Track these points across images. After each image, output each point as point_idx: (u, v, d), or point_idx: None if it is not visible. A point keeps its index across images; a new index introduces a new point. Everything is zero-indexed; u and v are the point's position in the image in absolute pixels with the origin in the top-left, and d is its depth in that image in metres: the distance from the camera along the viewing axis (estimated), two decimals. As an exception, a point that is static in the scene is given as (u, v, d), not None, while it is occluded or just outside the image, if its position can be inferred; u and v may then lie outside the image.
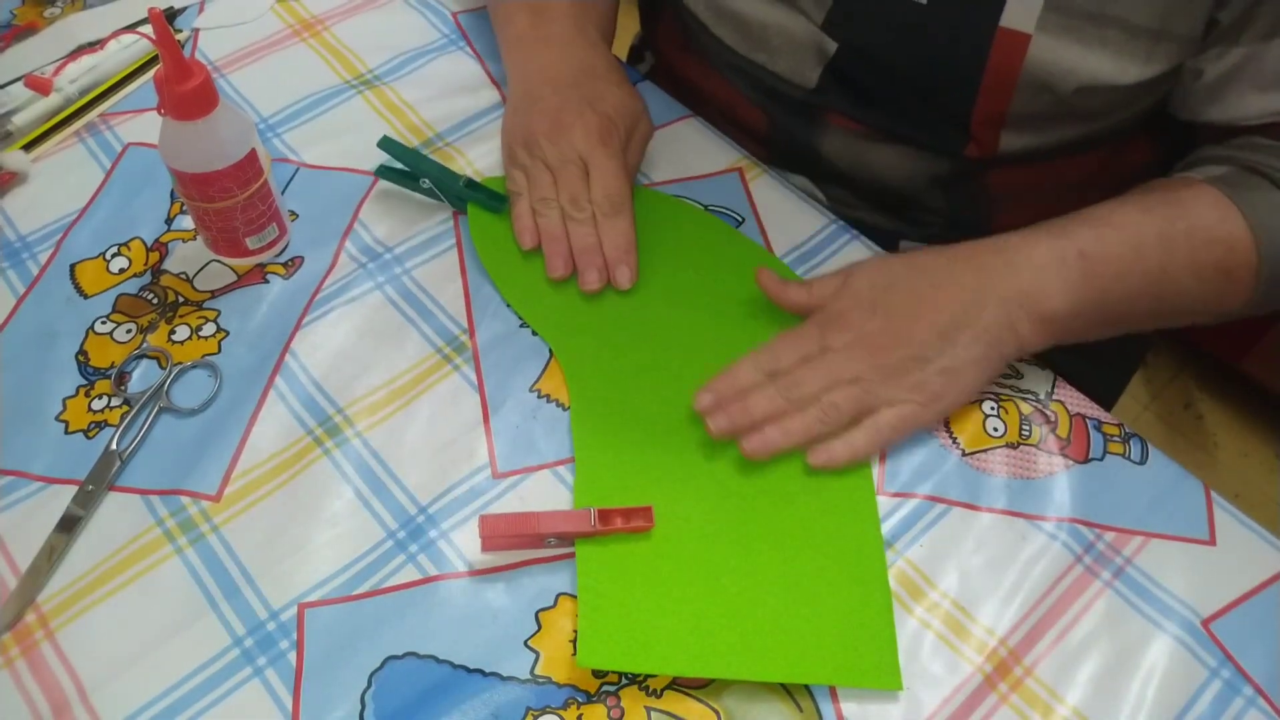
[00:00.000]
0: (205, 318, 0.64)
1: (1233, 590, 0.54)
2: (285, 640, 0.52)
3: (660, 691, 0.50)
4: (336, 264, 0.67)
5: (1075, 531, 0.56)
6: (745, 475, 0.57)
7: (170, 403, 0.60)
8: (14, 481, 0.57)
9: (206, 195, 0.61)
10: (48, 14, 0.83)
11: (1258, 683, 0.51)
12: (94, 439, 0.58)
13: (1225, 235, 0.57)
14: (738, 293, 0.65)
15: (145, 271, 0.66)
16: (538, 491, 0.57)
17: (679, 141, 0.74)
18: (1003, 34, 0.59)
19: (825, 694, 0.50)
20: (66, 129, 0.74)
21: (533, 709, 0.50)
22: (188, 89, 0.57)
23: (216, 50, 0.80)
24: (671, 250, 0.67)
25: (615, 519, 0.54)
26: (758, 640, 0.51)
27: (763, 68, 0.71)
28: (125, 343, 0.63)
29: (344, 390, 0.61)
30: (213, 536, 0.55)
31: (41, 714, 0.49)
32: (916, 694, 0.51)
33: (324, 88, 0.77)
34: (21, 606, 0.52)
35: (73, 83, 0.75)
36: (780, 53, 0.70)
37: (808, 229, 0.69)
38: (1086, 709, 0.50)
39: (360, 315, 0.64)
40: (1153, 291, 0.58)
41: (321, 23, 0.82)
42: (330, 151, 0.73)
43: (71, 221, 0.69)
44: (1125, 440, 0.60)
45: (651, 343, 0.62)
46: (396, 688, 0.50)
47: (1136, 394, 1.54)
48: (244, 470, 0.57)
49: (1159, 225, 0.57)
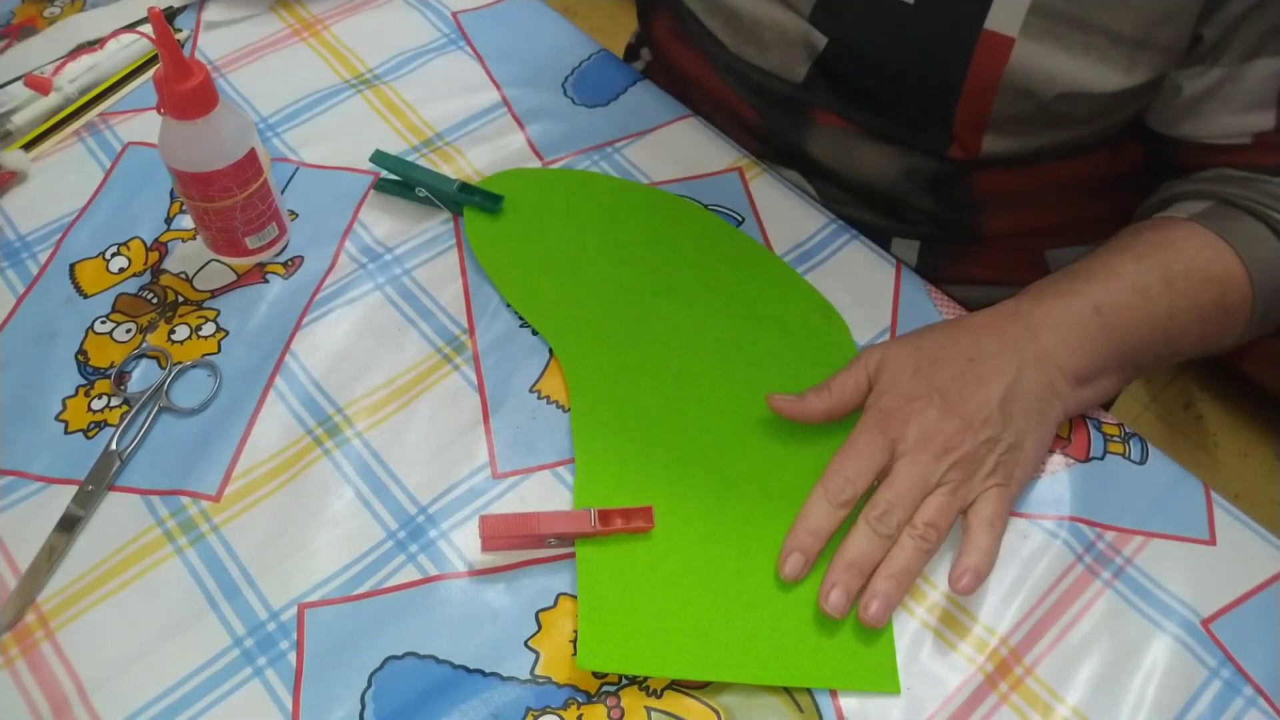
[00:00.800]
0: (205, 317, 0.64)
1: (1233, 590, 0.54)
2: (285, 640, 0.51)
3: (660, 692, 0.50)
4: (336, 264, 0.67)
5: (1076, 531, 0.56)
6: (746, 477, 0.57)
7: (170, 403, 0.60)
8: (14, 481, 0.57)
9: (206, 195, 0.61)
10: (47, 13, 0.83)
11: (1258, 683, 0.51)
12: (94, 439, 0.58)
13: (1221, 273, 0.58)
14: (738, 292, 0.65)
15: (145, 271, 0.66)
16: (538, 492, 0.57)
17: (679, 141, 0.74)
18: (987, 36, 0.60)
19: (825, 694, 0.50)
20: (66, 128, 0.74)
21: (533, 709, 0.50)
22: (187, 88, 0.57)
23: (216, 50, 0.80)
24: (672, 249, 0.67)
25: (615, 519, 0.54)
26: (757, 643, 0.51)
27: (753, 64, 0.71)
28: (125, 342, 0.63)
29: (344, 390, 0.61)
30: (213, 536, 0.55)
31: (41, 714, 0.49)
32: (917, 693, 0.51)
33: (324, 87, 0.77)
34: (21, 606, 0.52)
35: (72, 82, 0.75)
36: (770, 47, 0.70)
37: (807, 228, 0.69)
38: (1086, 709, 0.50)
39: (360, 315, 0.64)
40: (1162, 337, 0.58)
41: (321, 22, 0.82)
42: (330, 151, 0.73)
43: (71, 221, 0.69)
44: (1125, 440, 0.60)
45: (652, 342, 0.62)
46: (396, 688, 0.50)
47: (1136, 394, 1.54)
48: (244, 470, 0.57)
49: (1159, 271, 0.58)
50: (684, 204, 0.70)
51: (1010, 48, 0.59)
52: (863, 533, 0.53)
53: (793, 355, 0.62)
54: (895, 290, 0.66)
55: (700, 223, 0.69)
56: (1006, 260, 0.76)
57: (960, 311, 0.65)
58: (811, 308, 0.65)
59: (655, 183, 0.71)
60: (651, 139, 0.74)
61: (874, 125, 0.70)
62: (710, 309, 0.64)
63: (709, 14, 0.72)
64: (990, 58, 0.60)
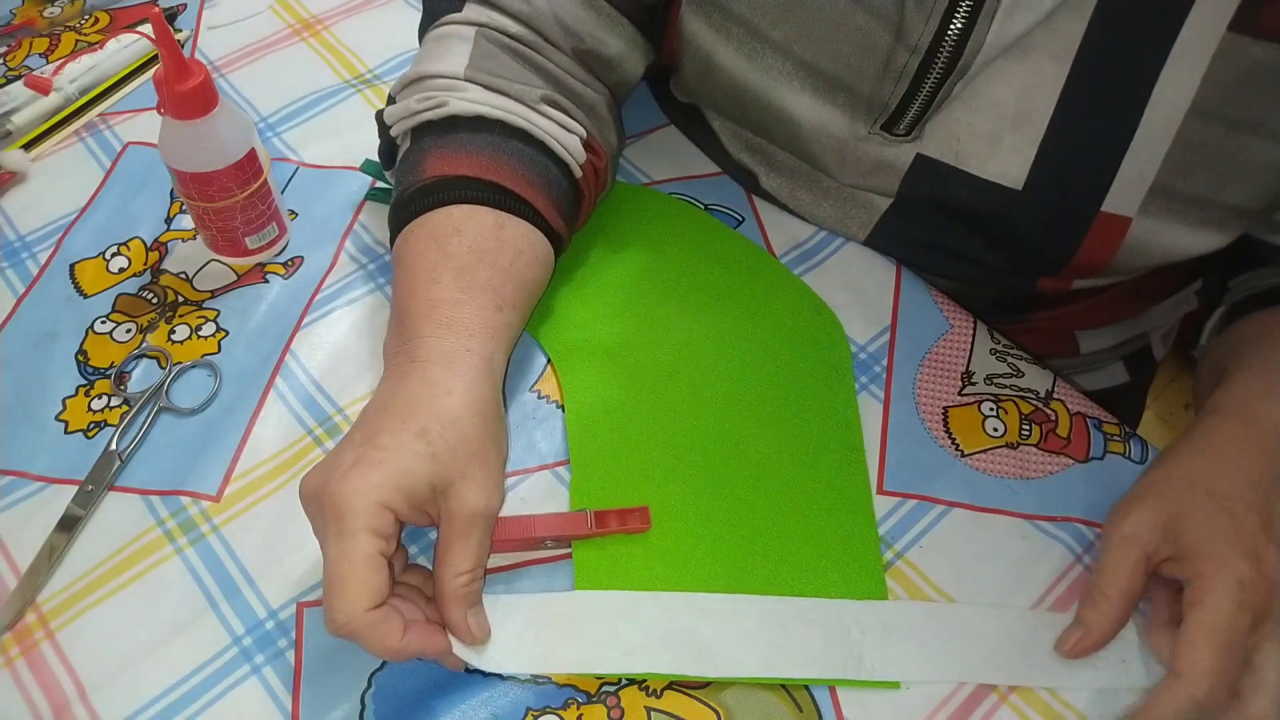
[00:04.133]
0: (205, 317, 0.64)
1: (1232, 590, 0.54)
2: (284, 639, 0.51)
3: (660, 691, 0.50)
4: (336, 264, 0.67)
5: (1075, 531, 0.56)
6: (742, 476, 0.57)
7: (170, 402, 0.60)
8: (14, 481, 0.57)
9: (206, 195, 0.61)
10: (47, 13, 0.83)
11: (1257, 683, 0.51)
12: (94, 439, 0.58)
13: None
14: (732, 291, 0.65)
15: (145, 271, 0.66)
16: (537, 492, 0.57)
17: (678, 141, 0.74)
18: (1103, 218, 0.57)
19: (825, 693, 0.50)
20: (66, 128, 0.74)
21: (532, 709, 0.50)
22: (187, 89, 0.57)
23: (216, 50, 0.80)
24: (668, 250, 0.67)
25: (611, 521, 0.54)
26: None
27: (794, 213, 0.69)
28: (125, 342, 0.63)
29: (344, 390, 0.60)
30: (213, 536, 0.55)
31: (41, 714, 0.49)
32: (917, 693, 0.51)
33: (324, 87, 0.77)
34: (21, 606, 0.52)
35: (72, 82, 0.75)
36: (827, 198, 0.67)
37: (807, 228, 0.69)
38: (1087, 709, 0.50)
39: (360, 315, 0.64)
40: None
41: (321, 22, 0.82)
42: (330, 151, 0.73)
43: (71, 221, 0.69)
44: (1125, 440, 0.60)
45: (647, 343, 0.62)
46: (396, 688, 0.50)
47: (1136, 393, 1.54)
48: (244, 470, 0.57)
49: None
50: (677, 204, 0.70)
51: (1127, 226, 0.57)
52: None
53: (786, 354, 0.62)
54: (895, 290, 0.66)
55: (693, 222, 0.69)
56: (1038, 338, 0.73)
57: (962, 313, 0.65)
58: (805, 306, 0.64)
59: (654, 183, 0.71)
60: (651, 139, 0.74)
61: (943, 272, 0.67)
62: (704, 309, 0.64)
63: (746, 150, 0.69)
64: (1104, 237, 0.58)
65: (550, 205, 0.57)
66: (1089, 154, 0.56)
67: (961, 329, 0.64)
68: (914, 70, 0.55)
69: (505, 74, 0.58)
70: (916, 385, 0.62)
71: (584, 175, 0.60)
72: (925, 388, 0.61)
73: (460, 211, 0.54)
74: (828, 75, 0.58)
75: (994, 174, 0.58)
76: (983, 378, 0.62)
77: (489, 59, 0.58)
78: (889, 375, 0.62)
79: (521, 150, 0.57)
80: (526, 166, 0.57)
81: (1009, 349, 0.64)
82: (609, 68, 0.63)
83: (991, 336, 0.64)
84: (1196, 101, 0.52)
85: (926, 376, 0.62)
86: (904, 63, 0.55)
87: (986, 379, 0.62)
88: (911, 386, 0.61)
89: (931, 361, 0.63)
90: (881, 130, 0.59)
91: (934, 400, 0.61)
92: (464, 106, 0.56)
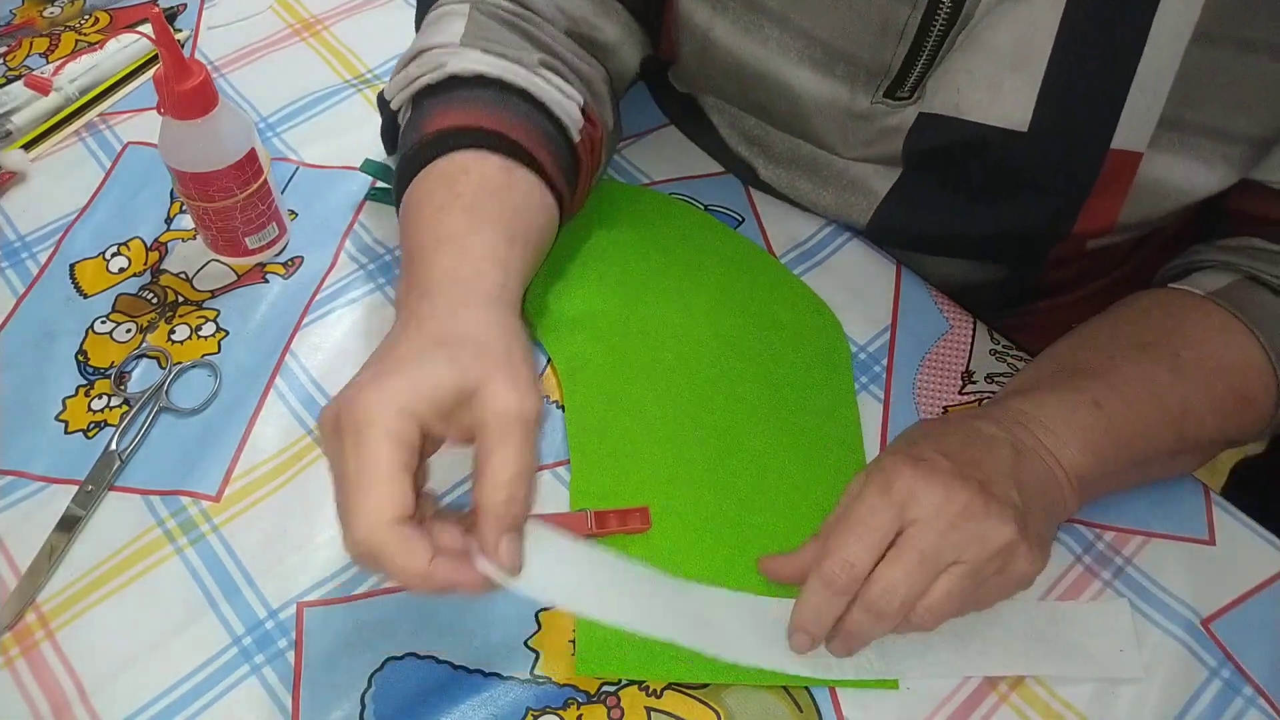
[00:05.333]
0: (205, 317, 0.64)
1: (1233, 590, 0.54)
2: (284, 639, 0.51)
3: (660, 692, 0.50)
4: (336, 264, 0.67)
5: (1075, 531, 0.56)
6: (742, 477, 0.57)
7: (170, 402, 0.60)
8: (14, 481, 0.57)
9: (206, 195, 0.61)
10: (47, 13, 0.83)
11: (1258, 683, 0.51)
12: (94, 439, 0.58)
13: (1237, 359, 0.54)
14: (731, 291, 0.65)
15: (145, 271, 0.66)
16: (538, 492, 0.57)
17: (678, 140, 0.74)
18: (1113, 155, 0.56)
19: (825, 694, 0.50)
20: (66, 128, 0.74)
21: (533, 709, 0.50)
22: (187, 88, 0.57)
23: (216, 50, 0.80)
24: (667, 250, 0.67)
25: (611, 521, 0.54)
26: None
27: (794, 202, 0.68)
28: (125, 342, 0.63)
29: (344, 390, 0.60)
30: (213, 536, 0.55)
31: (41, 714, 0.49)
32: (917, 693, 0.51)
33: (323, 87, 0.77)
34: (21, 606, 0.52)
35: (72, 82, 0.75)
36: (828, 185, 0.66)
37: (807, 228, 0.69)
38: (1086, 709, 0.50)
39: (360, 315, 0.64)
40: (1174, 431, 0.53)
41: (321, 22, 0.82)
42: (330, 151, 0.73)
43: (71, 221, 0.69)
44: (1125, 440, 0.60)
45: (646, 342, 0.62)
46: (396, 688, 0.50)
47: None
48: (244, 470, 0.57)
49: (1168, 361, 0.54)
50: (677, 204, 0.69)
51: (1138, 163, 0.56)
52: (859, 615, 0.47)
53: (786, 354, 0.62)
54: (895, 290, 0.66)
55: (693, 222, 0.69)
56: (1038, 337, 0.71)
57: (962, 313, 0.65)
58: (804, 306, 0.64)
59: (654, 182, 0.71)
60: (650, 139, 0.74)
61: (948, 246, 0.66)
62: (704, 309, 0.64)
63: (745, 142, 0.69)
64: (1116, 175, 0.56)
65: (553, 162, 0.56)
66: (1093, 90, 0.55)
67: (961, 329, 0.64)
68: (916, 27, 0.55)
69: (503, 41, 0.58)
70: (916, 385, 0.62)
71: (581, 142, 0.59)
72: (925, 387, 0.61)
73: (466, 155, 0.53)
74: (826, 44, 0.58)
75: (998, 119, 0.57)
76: (983, 377, 0.62)
77: (485, 29, 0.58)
78: (889, 375, 0.62)
79: (522, 106, 0.56)
80: (529, 122, 0.56)
81: (1009, 349, 0.64)
82: (604, 53, 0.63)
83: (991, 336, 0.64)
84: (1199, 26, 0.51)
85: (926, 376, 0.62)
86: (904, 19, 0.55)
87: (987, 378, 0.62)
88: (911, 386, 0.61)
89: (931, 361, 0.63)
90: (884, 98, 0.59)
91: (934, 400, 0.61)
92: (463, 66, 0.56)
